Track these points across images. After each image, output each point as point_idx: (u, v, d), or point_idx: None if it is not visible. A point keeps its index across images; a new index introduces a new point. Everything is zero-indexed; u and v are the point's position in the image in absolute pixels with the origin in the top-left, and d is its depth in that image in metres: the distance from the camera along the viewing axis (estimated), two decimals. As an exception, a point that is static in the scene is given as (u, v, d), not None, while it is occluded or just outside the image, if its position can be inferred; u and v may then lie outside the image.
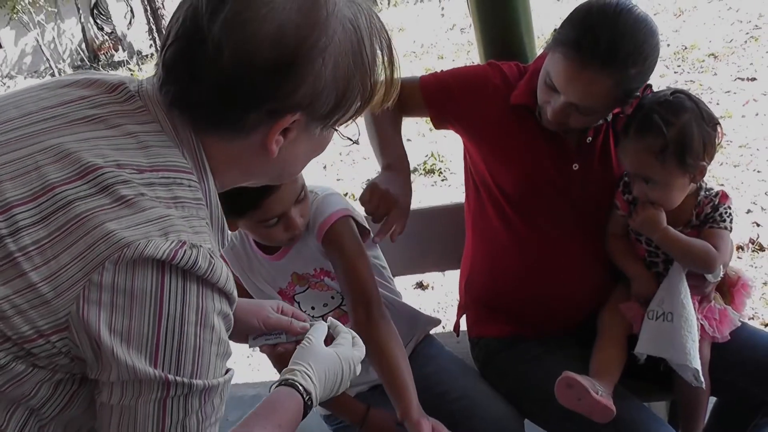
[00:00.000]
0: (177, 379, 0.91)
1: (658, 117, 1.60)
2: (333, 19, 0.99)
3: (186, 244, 0.90)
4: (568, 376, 1.65)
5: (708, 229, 1.70)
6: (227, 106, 0.98)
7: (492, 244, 1.89)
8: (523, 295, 1.86)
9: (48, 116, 0.99)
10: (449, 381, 1.91)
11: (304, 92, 0.98)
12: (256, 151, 1.04)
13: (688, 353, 1.64)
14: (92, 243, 0.87)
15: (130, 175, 0.93)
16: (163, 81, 1.00)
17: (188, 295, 0.90)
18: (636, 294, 1.78)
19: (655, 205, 1.68)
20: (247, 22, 0.94)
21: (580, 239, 1.81)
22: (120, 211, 0.89)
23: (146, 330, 0.88)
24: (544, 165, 1.78)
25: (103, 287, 0.86)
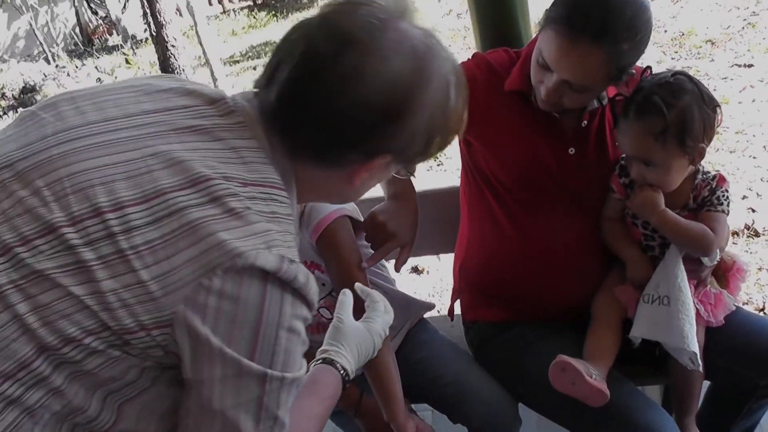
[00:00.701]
0: (273, 373, 0.98)
1: (658, 98, 1.58)
2: (436, 76, 1.07)
3: (286, 258, 0.97)
4: (562, 360, 1.64)
5: (705, 213, 1.69)
6: (332, 145, 1.07)
7: (486, 228, 1.88)
8: (517, 280, 1.85)
9: (152, 121, 1.04)
10: (442, 365, 1.91)
11: (401, 139, 1.08)
12: (340, 181, 1.14)
13: (686, 337, 1.64)
14: (205, 249, 0.93)
15: (237, 188, 0.99)
16: (274, 112, 1.06)
17: (285, 305, 0.98)
18: (631, 278, 1.77)
19: (653, 187, 1.67)
20: (367, 71, 1.01)
21: (575, 224, 1.80)
22: (230, 222, 0.96)
23: (247, 332, 0.95)
24: (540, 150, 1.76)
25: (211, 291, 0.93)
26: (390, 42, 1.04)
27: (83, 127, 1.04)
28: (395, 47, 1.05)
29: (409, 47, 1.06)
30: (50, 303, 0.93)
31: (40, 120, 1.07)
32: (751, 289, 3.33)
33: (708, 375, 1.82)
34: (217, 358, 0.95)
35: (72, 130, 1.04)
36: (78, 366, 0.94)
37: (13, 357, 0.92)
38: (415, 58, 1.06)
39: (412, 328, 2.03)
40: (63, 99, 1.11)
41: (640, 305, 1.73)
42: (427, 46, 1.08)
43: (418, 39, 1.08)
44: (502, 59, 1.82)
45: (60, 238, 0.94)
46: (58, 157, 1.00)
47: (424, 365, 1.94)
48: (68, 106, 1.09)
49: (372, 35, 1.04)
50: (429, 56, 1.07)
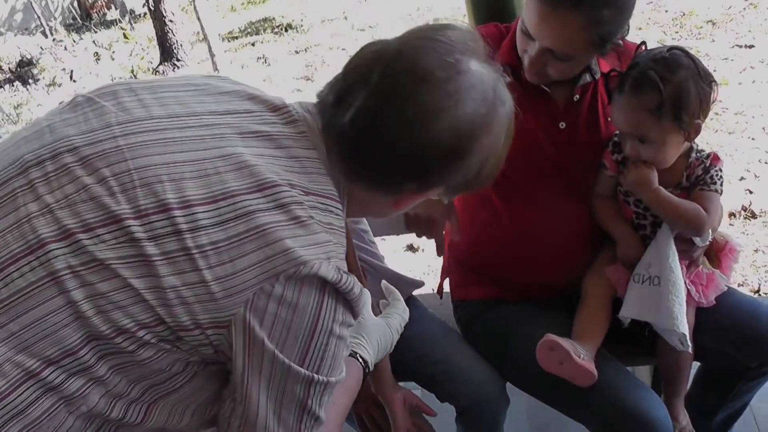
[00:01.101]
0: (320, 378, 1.02)
1: (654, 73, 1.55)
2: (498, 121, 1.10)
3: (342, 270, 1.00)
4: (550, 339, 1.62)
5: (698, 191, 1.66)
6: (394, 175, 1.09)
7: (476, 205, 1.85)
8: (506, 258, 1.82)
9: (217, 122, 1.06)
10: (430, 344, 1.89)
11: (456, 177, 1.11)
12: (387, 204, 1.16)
13: (675, 318, 1.62)
14: (271, 255, 0.95)
15: (300, 196, 1.01)
16: (344, 136, 1.06)
17: (338, 314, 1.01)
18: (622, 256, 1.74)
19: (647, 164, 1.64)
20: (440, 112, 1.03)
21: (566, 202, 1.77)
22: (296, 229, 0.98)
23: (300, 339, 0.98)
24: (529, 124, 1.72)
25: (272, 297, 0.95)
26: (464, 84, 1.06)
27: (148, 120, 1.05)
28: (469, 91, 1.06)
29: (481, 92, 1.08)
30: (108, 292, 0.93)
31: (101, 108, 1.07)
32: (747, 271, 3.33)
33: (698, 356, 1.81)
34: (268, 361, 0.98)
35: (137, 123, 1.04)
36: (129, 357, 0.95)
37: (60, 343, 0.92)
38: (485, 103, 1.08)
39: (402, 306, 2.01)
40: (122, 88, 1.11)
41: (630, 285, 1.70)
42: (495, 90, 1.10)
43: (488, 83, 1.09)
44: (493, 34, 1.79)
45: (124, 230, 0.95)
46: (125, 149, 1.01)
47: (411, 343, 1.91)
48: (129, 96, 1.09)
49: (449, 75, 1.05)
50: (497, 102, 1.10)
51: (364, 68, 1.07)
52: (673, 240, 1.67)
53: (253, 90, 1.15)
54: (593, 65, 1.73)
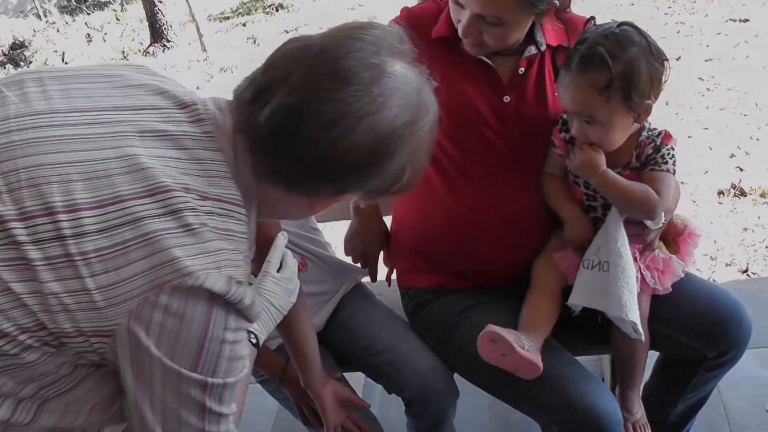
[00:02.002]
0: (215, 380, 1.00)
1: (603, 50, 1.45)
2: (420, 128, 1.07)
3: (233, 280, 0.97)
4: (491, 330, 1.54)
5: (649, 172, 1.56)
6: (310, 178, 1.05)
7: (420, 188, 1.74)
8: (451, 244, 1.72)
9: (119, 119, 1.02)
10: (375, 333, 1.82)
11: (375, 181, 1.07)
12: (300, 206, 1.13)
13: (624, 305, 1.53)
14: (157, 264, 0.92)
15: (195, 201, 0.98)
16: (258, 133, 1.02)
17: (229, 322, 0.99)
18: (569, 238, 1.65)
19: (593, 146, 1.54)
20: (364, 115, 1.00)
21: (514, 181, 1.68)
22: (185, 237, 0.95)
23: (190, 349, 0.96)
24: (471, 97, 1.63)
25: (157, 307, 0.93)
26: (388, 88, 1.03)
27: (47, 115, 1.01)
28: (393, 95, 1.03)
29: (405, 96, 1.05)
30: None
31: (3, 98, 1.04)
32: (735, 250, 3.23)
33: (654, 345, 1.72)
34: (157, 368, 0.96)
35: (36, 117, 1.01)
36: (12, 359, 0.93)
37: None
38: (408, 109, 1.05)
39: (348, 294, 1.93)
40: (30, 78, 1.07)
41: (580, 271, 1.62)
42: (420, 95, 1.07)
43: (413, 88, 1.07)
44: (430, 9, 1.70)
45: (7, 232, 0.92)
46: (18, 145, 0.97)
47: (357, 332, 1.85)
48: (35, 87, 1.05)
49: (373, 77, 1.02)
50: (421, 108, 1.07)
51: (285, 65, 1.03)
52: (624, 223, 1.57)
53: (167, 84, 1.11)
54: (538, 36, 1.64)
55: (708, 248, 3.24)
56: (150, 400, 0.98)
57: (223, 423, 1.05)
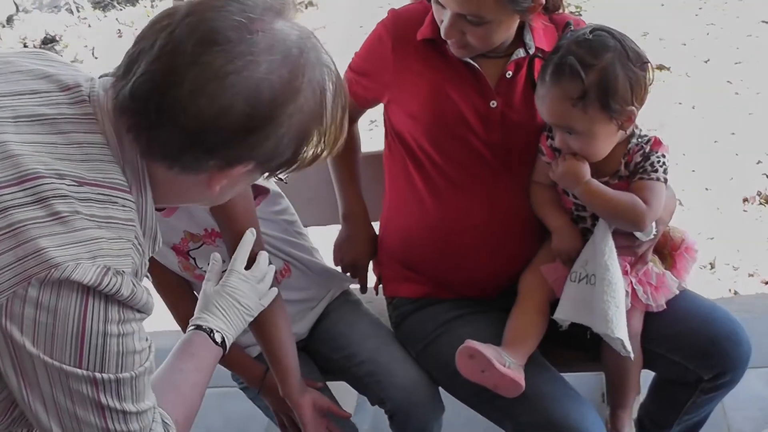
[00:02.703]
0: (104, 376, 0.94)
1: (574, 59, 1.38)
2: (306, 85, 0.99)
3: (111, 270, 0.91)
4: (469, 346, 1.48)
5: (638, 181, 1.48)
6: (188, 149, 0.98)
7: (406, 196, 1.69)
8: (436, 253, 1.66)
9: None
10: (358, 342, 1.77)
11: (265, 149, 1.00)
12: (196, 186, 1.05)
13: (610, 321, 1.45)
14: (22, 256, 0.87)
15: (69, 187, 0.92)
16: (126, 107, 0.97)
17: (110, 314, 0.92)
18: (556, 249, 1.58)
19: (577, 156, 1.47)
20: (228, 75, 0.93)
21: (501, 190, 1.61)
22: (53, 227, 0.89)
23: (69, 345, 0.91)
24: (456, 102, 1.57)
25: (27, 302, 0.87)
26: (260, 45, 0.95)
27: None
28: (266, 52, 0.96)
29: (282, 53, 0.97)
30: None
31: None
32: (758, 261, 3.11)
33: (648, 364, 1.64)
34: (39, 366, 0.91)
35: None
36: None
37: None
38: (285, 64, 0.97)
39: (334, 301, 1.88)
40: None
41: (567, 284, 1.54)
42: (301, 50, 0.99)
43: (292, 42, 0.98)
44: (417, 11, 1.63)
45: None
46: None
47: (340, 341, 1.79)
48: None
49: (241, 36, 0.94)
50: (302, 62, 0.99)
51: (151, 34, 0.96)
52: (613, 235, 1.50)
53: (56, 68, 1.04)
54: (527, 39, 1.57)
55: (730, 257, 3.12)
56: (41, 400, 0.94)
57: (132, 421, 0.99)
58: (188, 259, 1.66)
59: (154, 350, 1.03)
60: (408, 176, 1.67)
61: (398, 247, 1.73)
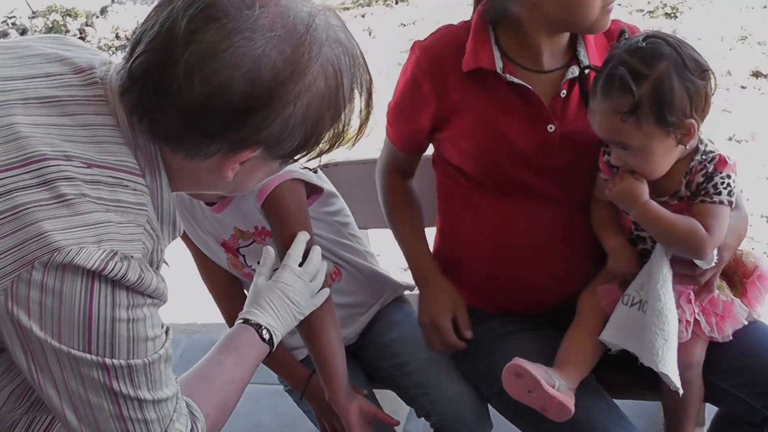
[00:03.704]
0: (114, 362, 0.92)
1: (623, 70, 1.29)
2: (313, 64, 0.94)
3: (117, 254, 0.89)
4: (516, 364, 1.42)
5: (699, 204, 1.37)
6: (188, 132, 0.95)
7: (459, 214, 1.63)
8: (490, 270, 1.61)
9: (7, 89, 0.96)
10: (408, 351, 1.73)
11: (269, 132, 0.95)
12: (210, 172, 1.02)
13: (656, 354, 1.37)
14: (26, 240, 0.86)
15: (76, 169, 0.90)
16: (126, 88, 0.95)
17: (117, 300, 0.91)
18: (611, 270, 1.49)
19: (635, 174, 1.38)
20: (224, 52, 0.89)
21: (561, 210, 1.54)
22: (58, 209, 0.88)
23: (77, 329, 0.89)
24: (510, 138, 1.49)
25: (32, 285, 0.86)
26: (263, 20, 0.91)
27: None
28: (266, 26, 0.91)
29: (283, 27, 0.92)
30: None
31: None
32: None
33: (709, 397, 1.55)
34: (49, 350, 0.90)
35: None
36: None
37: None
38: (288, 41, 0.92)
39: (386, 307, 1.84)
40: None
41: (618, 306, 1.46)
42: (308, 26, 0.94)
43: (299, 18, 0.93)
44: (447, 40, 1.54)
45: None
46: None
47: (390, 349, 1.76)
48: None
49: (241, 11, 0.90)
50: (307, 39, 0.93)
51: (155, 14, 0.94)
52: (672, 261, 1.40)
53: (72, 51, 1.03)
54: (581, 55, 1.49)
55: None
56: (53, 384, 0.93)
57: (148, 409, 0.97)
58: (237, 256, 1.66)
59: (171, 337, 1.01)
60: (463, 198, 1.61)
61: (451, 262, 1.67)
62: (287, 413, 2.30)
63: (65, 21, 7.95)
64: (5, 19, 7.94)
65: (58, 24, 7.86)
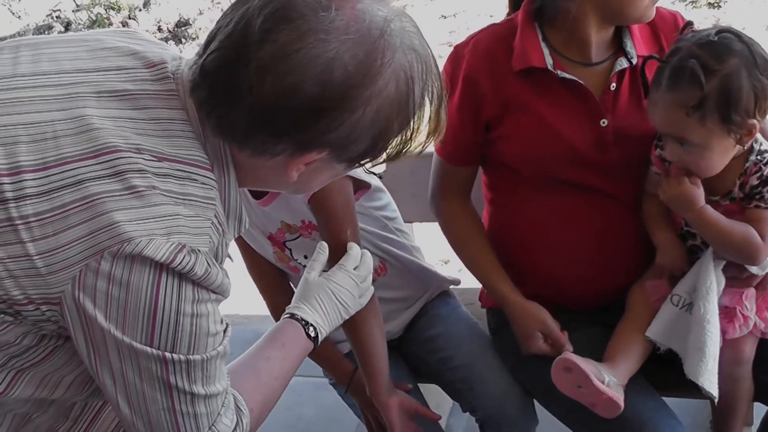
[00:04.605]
0: (174, 356, 0.93)
1: (695, 63, 1.26)
2: (386, 70, 0.93)
3: (186, 248, 0.90)
4: (566, 358, 1.41)
5: (754, 209, 1.35)
6: (256, 130, 0.95)
7: (507, 210, 1.63)
8: (538, 265, 1.60)
9: (80, 80, 0.97)
10: (453, 346, 1.73)
11: (336, 135, 0.94)
12: (275, 171, 1.01)
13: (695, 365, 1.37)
14: (96, 229, 0.87)
15: (147, 162, 0.91)
16: (197, 84, 0.95)
17: (183, 293, 0.91)
18: (660, 265, 1.48)
19: (692, 178, 1.36)
20: (297, 53, 0.89)
21: (612, 205, 1.53)
22: (129, 200, 0.89)
23: (141, 321, 0.90)
24: (565, 136, 1.48)
25: (100, 275, 0.87)
26: (338, 22, 0.90)
27: (8, 79, 0.98)
28: (341, 29, 0.90)
29: (358, 31, 0.91)
30: None
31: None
32: None
33: (760, 395, 1.53)
34: (110, 340, 0.91)
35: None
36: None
37: None
38: (361, 45, 0.91)
39: (431, 301, 1.84)
40: (9, 46, 1.04)
41: (666, 303, 1.46)
42: (382, 31, 0.92)
43: (375, 23, 0.92)
44: (494, 39, 1.52)
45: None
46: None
47: (435, 343, 1.76)
48: (9, 54, 1.02)
49: (317, 14, 0.90)
50: (381, 44, 0.92)
51: (231, 11, 0.94)
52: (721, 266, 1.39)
53: (143, 45, 1.04)
54: (628, 47, 1.47)
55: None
56: (110, 373, 0.94)
57: (200, 404, 0.98)
58: (284, 249, 1.67)
59: (229, 335, 1.02)
60: (511, 193, 1.61)
61: (500, 257, 1.66)
62: (329, 406, 2.33)
63: (108, 14, 8.04)
64: (50, 12, 8.06)
65: (102, 17, 7.96)
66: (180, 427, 0.98)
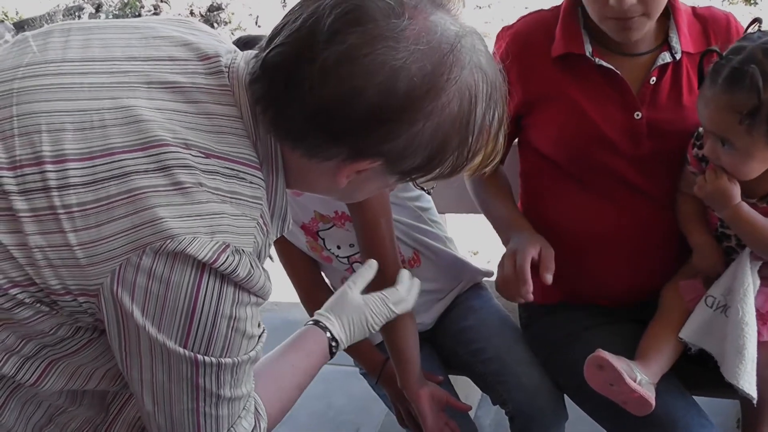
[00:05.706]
0: (206, 359, 0.92)
1: (756, 70, 1.23)
2: (451, 86, 0.90)
3: (230, 248, 0.88)
4: (599, 356, 1.41)
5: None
6: (312, 131, 0.92)
7: (541, 203, 1.63)
8: (572, 260, 1.58)
9: (131, 69, 0.95)
10: (485, 339, 1.74)
11: (393, 146, 0.92)
12: (324, 175, 0.99)
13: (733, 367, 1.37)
14: (139, 224, 0.86)
15: (195, 158, 0.90)
16: (257, 77, 0.93)
17: (224, 295, 0.90)
18: (696, 266, 1.48)
19: (729, 176, 1.35)
20: (363, 58, 0.86)
21: (646, 202, 1.53)
22: (174, 197, 0.87)
23: (178, 320, 0.89)
24: (597, 124, 1.48)
25: (140, 270, 0.86)
26: (409, 31, 0.87)
27: (57, 63, 0.96)
28: (411, 38, 0.87)
29: (428, 43, 0.88)
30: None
31: (26, 48, 1.00)
32: None
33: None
34: (144, 338, 0.90)
35: (44, 65, 0.96)
36: (7, 314, 0.89)
37: None
38: (430, 57, 0.88)
39: (464, 293, 1.85)
40: (60, 29, 1.02)
41: (700, 304, 1.45)
42: (452, 46, 0.90)
43: (445, 37, 0.90)
44: (536, 25, 1.54)
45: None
46: (16, 92, 0.93)
47: (467, 335, 1.77)
48: (59, 37, 1.00)
49: (389, 21, 0.87)
50: (450, 59, 0.90)
51: (301, 7, 0.91)
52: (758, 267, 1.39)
53: (197, 36, 1.02)
54: (673, 42, 1.47)
55: None
56: (138, 368, 0.93)
57: (223, 406, 0.97)
58: (317, 239, 1.68)
59: (264, 340, 1.00)
60: (546, 184, 1.61)
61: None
62: (359, 395, 2.35)
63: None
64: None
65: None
66: (200, 427, 0.97)
